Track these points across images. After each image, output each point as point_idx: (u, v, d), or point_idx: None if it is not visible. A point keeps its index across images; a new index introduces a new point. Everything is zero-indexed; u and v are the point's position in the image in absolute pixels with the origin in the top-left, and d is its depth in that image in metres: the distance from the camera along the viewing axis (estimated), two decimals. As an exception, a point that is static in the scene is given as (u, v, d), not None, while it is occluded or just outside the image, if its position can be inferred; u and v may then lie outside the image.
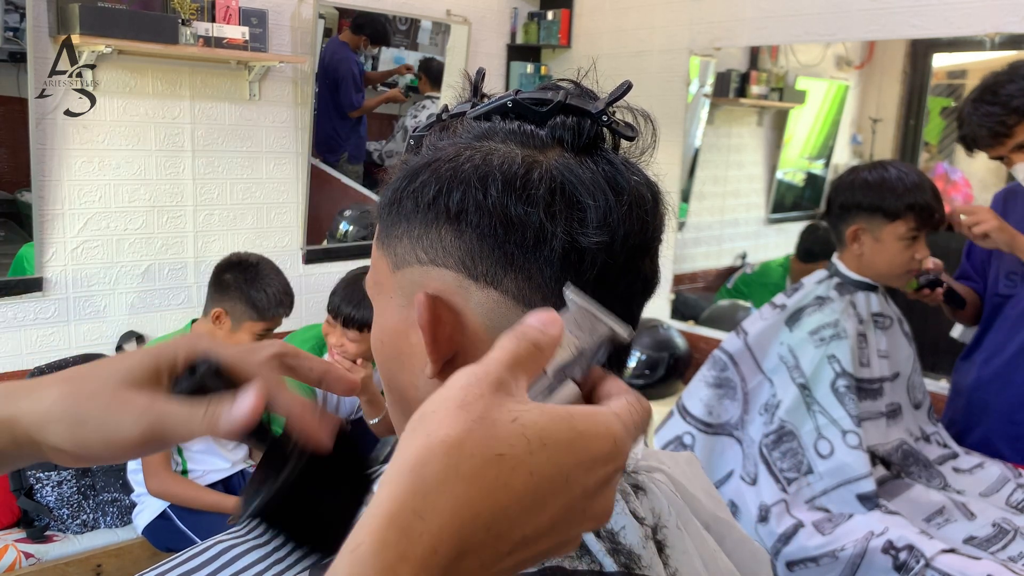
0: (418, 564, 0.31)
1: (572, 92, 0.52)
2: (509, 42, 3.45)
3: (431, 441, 0.33)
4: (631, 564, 0.49)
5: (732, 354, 1.70)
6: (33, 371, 2.26)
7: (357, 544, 0.32)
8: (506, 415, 0.34)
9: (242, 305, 2.08)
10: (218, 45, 2.43)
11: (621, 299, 0.52)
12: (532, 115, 0.52)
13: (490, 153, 0.50)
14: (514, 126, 0.52)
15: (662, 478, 0.57)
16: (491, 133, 0.52)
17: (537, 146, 0.51)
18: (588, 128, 0.51)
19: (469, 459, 0.33)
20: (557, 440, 0.35)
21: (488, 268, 0.49)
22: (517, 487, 0.33)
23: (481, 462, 0.33)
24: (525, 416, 0.35)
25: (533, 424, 0.34)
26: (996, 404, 1.76)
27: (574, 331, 0.41)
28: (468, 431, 0.34)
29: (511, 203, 0.48)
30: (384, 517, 0.32)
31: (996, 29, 2.29)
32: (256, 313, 2.08)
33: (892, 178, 1.58)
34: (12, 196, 2.29)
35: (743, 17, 2.88)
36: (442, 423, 0.34)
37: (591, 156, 0.51)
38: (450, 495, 0.33)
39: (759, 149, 3.36)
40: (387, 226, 0.54)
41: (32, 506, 2.16)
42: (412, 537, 0.32)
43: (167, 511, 2.12)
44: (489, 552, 0.33)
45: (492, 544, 0.33)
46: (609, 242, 0.49)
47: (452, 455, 0.33)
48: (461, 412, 0.34)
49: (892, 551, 1.41)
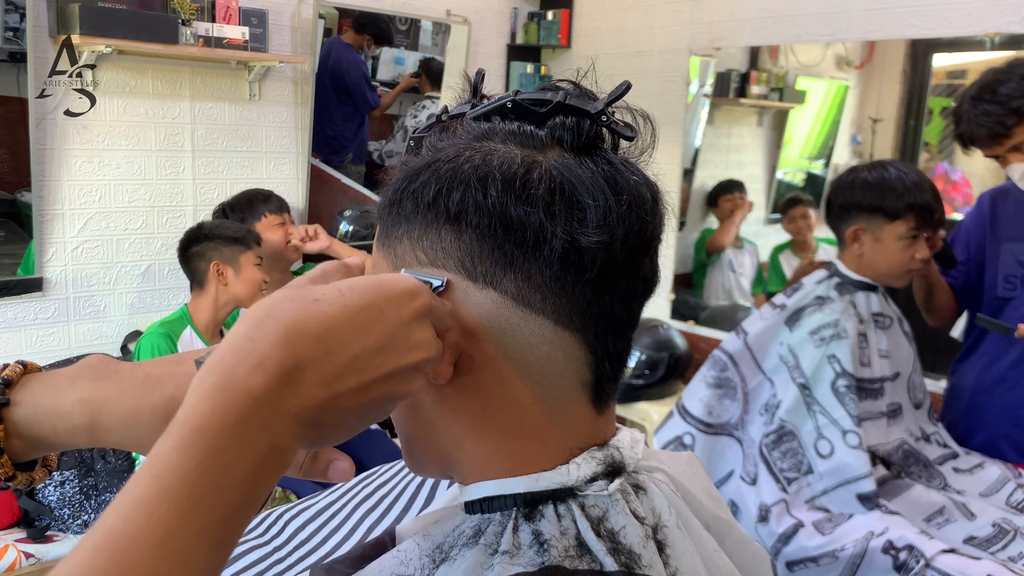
0: (252, 369, 0.38)
1: (571, 92, 0.52)
2: (509, 42, 3.45)
3: (259, 305, 0.41)
4: (631, 564, 0.49)
5: (732, 354, 1.70)
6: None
7: (200, 373, 0.38)
8: (320, 286, 0.43)
9: (226, 247, 2.19)
10: (218, 45, 2.43)
11: (621, 298, 0.52)
12: (531, 116, 0.52)
13: (490, 153, 0.50)
14: (513, 127, 0.52)
15: (662, 478, 0.57)
16: (490, 134, 0.52)
17: (536, 146, 0.51)
18: (587, 128, 0.51)
19: (291, 301, 0.41)
20: (364, 284, 0.43)
21: (487, 269, 0.49)
22: (336, 314, 0.41)
23: (301, 304, 0.41)
24: (336, 283, 0.43)
25: (342, 281, 0.44)
26: (1000, 407, 1.76)
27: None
28: (287, 295, 0.42)
29: (511, 203, 0.48)
30: (221, 347, 0.40)
31: (996, 29, 2.29)
32: (242, 243, 2.20)
33: (892, 178, 1.58)
34: (12, 196, 2.29)
35: (743, 17, 2.88)
36: (267, 298, 0.42)
37: (590, 156, 0.51)
38: (276, 321, 0.39)
39: (759, 149, 3.36)
40: (387, 227, 0.54)
41: (33, 506, 2.16)
42: (244, 354, 0.38)
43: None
44: (326, 367, 0.39)
45: (325, 359, 0.40)
46: (608, 242, 0.49)
47: (276, 304, 0.41)
48: (283, 290, 0.43)
49: (892, 551, 1.41)
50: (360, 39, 3.00)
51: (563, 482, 0.51)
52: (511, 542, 0.49)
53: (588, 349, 0.52)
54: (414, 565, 0.52)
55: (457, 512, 0.56)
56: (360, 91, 3.04)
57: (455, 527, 0.54)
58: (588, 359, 0.52)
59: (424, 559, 0.53)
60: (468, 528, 0.53)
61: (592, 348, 0.52)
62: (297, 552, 1.11)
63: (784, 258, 3.19)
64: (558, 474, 0.51)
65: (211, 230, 2.23)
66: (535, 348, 0.50)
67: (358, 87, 3.03)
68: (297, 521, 1.17)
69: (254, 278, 2.25)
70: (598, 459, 0.52)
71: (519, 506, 0.51)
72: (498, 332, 0.50)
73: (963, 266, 1.86)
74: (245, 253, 2.23)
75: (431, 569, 0.52)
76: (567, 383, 0.52)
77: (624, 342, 0.54)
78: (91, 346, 2.46)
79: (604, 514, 0.51)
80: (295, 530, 1.16)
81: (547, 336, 0.50)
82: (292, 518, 1.19)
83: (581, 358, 0.52)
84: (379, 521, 1.09)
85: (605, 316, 0.51)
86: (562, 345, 0.51)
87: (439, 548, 0.53)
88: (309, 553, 1.10)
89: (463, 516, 0.54)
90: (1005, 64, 1.64)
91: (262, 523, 1.20)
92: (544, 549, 0.49)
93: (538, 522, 0.50)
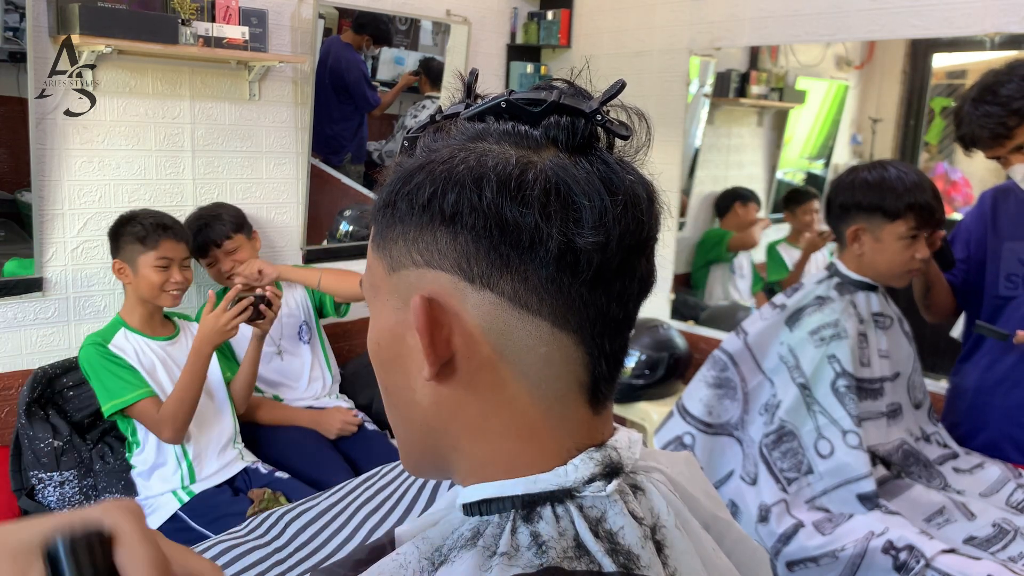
0: None
1: (566, 92, 0.51)
2: (509, 42, 3.45)
3: None
4: (630, 564, 0.49)
5: (732, 354, 1.70)
6: (39, 371, 2.26)
7: None
8: None
9: (128, 245, 2.12)
10: (218, 45, 2.43)
11: (617, 299, 0.51)
12: (526, 115, 0.51)
13: (484, 154, 0.50)
14: (508, 127, 0.51)
15: (660, 478, 0.57)
16: (485, 134, 0.52)
17: (531, 146, 0.50)
18: (582, 128, 0.50)
19: None
20: None
21: (484, 270, 0.49)
22: None
23: None
24: None
25: None
26: (1002, 407, 1.76)
27: None
28: None
29: (506, 205, 0.48)
30: None
31: (996, 29, 2.29)
32: (141, 244, 2.10)
33: (892, 178, 1.58)
34: (12, 196, 2.29)
35: (743, 17, 2.88)
36: None
37: (586, 156, 0.50)
38: None
39: (759, 149, 3.36)
40: (382, 228, 0.53)
41: (33, 506, 2.16)
42: None
43: (178, 513, 2.12)
44: None
45: None
46: (604, 242, 0.48)
47: None
48: None
49: (892, 551, 1.41)
50: (359, 39, 2.99)
51: (561, 483, 0.51)
52: (509, 544, 0.49)
53: (585, 350, 0.52)
54: (413, 568, 0.52)
55: (455, 514, 0.56)
56: (360, 90, 3.04)
57: (453, 529, 0.54)
58: (585, 360, 0.52)
59: (423, 561, 0.53)
60: (466, 530, 0.53)
61: (589, 349, 0.52)
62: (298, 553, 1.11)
63: (782, 249, 3.20)
64: (556, 475, 0.51)
65: (117, 224, 2.14)
66: (532, 350, 0.50)
67: (357, 86, 3.03)
68: (298, 523, 1.17)
69: (152, 281, 2.11)
70: (596, 460, 0.52)
71: (517, 508, 0.51)
72: (495, 334, 0.50)
73: (963, 263, 1.86)
74: (145, 253, 2.10)
75: (430, 571, 0.52)
76: (564, 384, 0.52)
77: (621, 342, 0.54)
78: (91, 346, 2.46)
79: (602, 515, 0.51)
80: (296, 531, 1.16)
81: (544, 337, 0.50)
82: (293, 519, 1.19)
83: (578, 359, 0.52)
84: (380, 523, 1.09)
85: (602, 317, 0.51)
86: (559, 346, 0.51)
87: (438, 550, 0.53)
88: (310, 555, 1.10)
89: (461, 518, 0.54)
90: (1005, 65, 1.64)
91: (263, 524, 1.20)
92: (543, 550, 0.49)
93: (536, 523, 0.50)
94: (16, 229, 2.31)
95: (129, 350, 2.12)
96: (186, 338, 2.26)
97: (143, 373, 2.10)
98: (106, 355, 2.08)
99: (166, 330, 2.24)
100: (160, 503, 2.14)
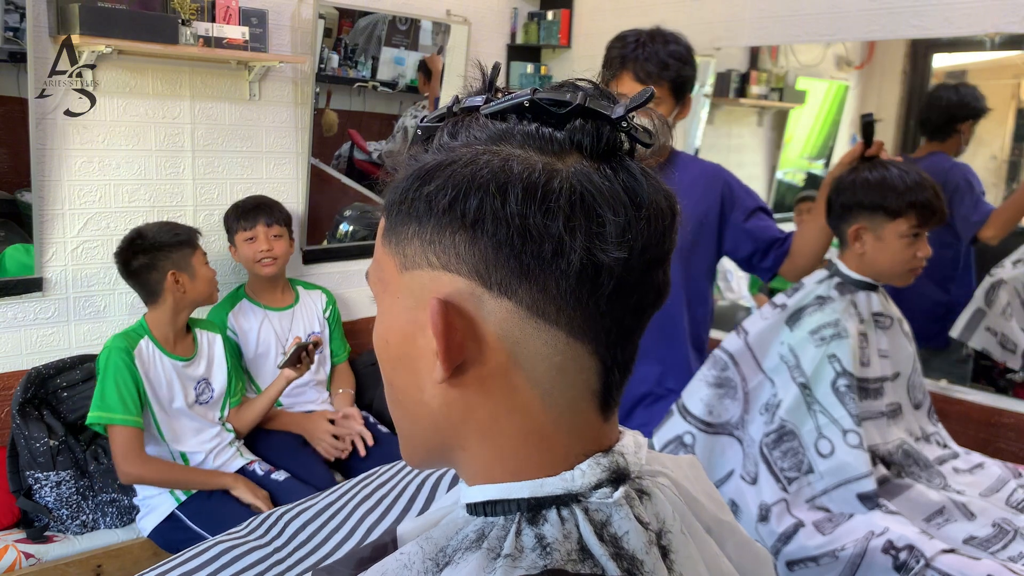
0: None
1: (591, 93, 0.50)
2: (509, 42, 3.45)
3: None
4: (633, 569, 0.49)
5: (732, 353, 1.70)
6: (33, 371, 2.26)
7: None
8: None
9: (175, 252, 2.15)
10: (218, 45, 2.43)
11: (633, 310, 0.51)
12: (550, 116, 0.50)
13: (508, 159, 0.48)
14: (531, 128, 0.50)
15: (666, 482, 0.57)
16: (508, 135, 0.50)
17: (556, 152, 0.49)
18: (607, 134, 0.49)
19: None
20: None
21: (503, 278, 0.48)
22: None
23: None
24: None
25: None
26: None
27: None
28: None
29: (530, 214, 0.47)
30: None
31: (996, 29, 2.29)
32: (189, 245, 2.18)
33: (893, 177, 1.58)
34: (12, 196, 2.28)
35: (743, 17, 2.88)
36: None
37: (609, 164, 0.49)
38: None
39: (759, 149, 3.36)
40: (395, 224, 0.52)
41: (31, 506, 2.16)
42: None
43: (175, 512, 2.12)
44: None
45: None
46: (627, 258, 0.48)
47: None
48: None
49: (892, 551, 1.41)
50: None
51: (568, 488, 0.51)
52: (514, 546, 0.49)
53: (598, 359, 0.51)
54: (417, 568, 0.52)
55: (458, 512, 0.56)
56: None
57: (457, 529, 0.54)
58: (598, 368, 0.52)
59: (427, 562, 0.52)
60: (471, 532, 0.53)
61: (602, 358, 0.51)
62: (297, 553, 1.11)
63: None
64: (563, 480, 0.51)
65: (155, 238, 2.15)
66: (547, 358, 0.50)
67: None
68: (297, 522, 1.17)
69: (208, 276, 2.22)
70: (603, 465, 0.52)
71: (523, 510, 0.51)
72: (511, 342, 0.49)
73: None
74: (194, 254, 2.19)
75: (434, 572, 0.52)
76: (576, 392, 0.51)
77: (632, 350, 0.54)
78: (91, 346, 2.46)
79: (607, 519, 0.51)
80: (295, 531, 1.16)
81: (559, 347, 0.50)
82: (292, 519, 1.18)
83: (591, 368, 0.51)
84: (379, 521, 1.09)
85: (616, 327, 0.51)
86: (573, 356, 0.50)
87: (442, 551, 0.53)
88: (309, 554, 1.10)
89: (465, 518, 0.54)
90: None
91: (262, 524, 1.19)
92: (547, 552, 0.49)
93: (541, 526, 0.50)
94: (16, 229, 2.31)
95: (146, 358, 2.13)
96: (203, 358, 2.27)
97: (148, 389, 2.11)
98: (128, 366, 2.07)
99: (186, 349, 2.24)
100: (157, 503, 2.14)
